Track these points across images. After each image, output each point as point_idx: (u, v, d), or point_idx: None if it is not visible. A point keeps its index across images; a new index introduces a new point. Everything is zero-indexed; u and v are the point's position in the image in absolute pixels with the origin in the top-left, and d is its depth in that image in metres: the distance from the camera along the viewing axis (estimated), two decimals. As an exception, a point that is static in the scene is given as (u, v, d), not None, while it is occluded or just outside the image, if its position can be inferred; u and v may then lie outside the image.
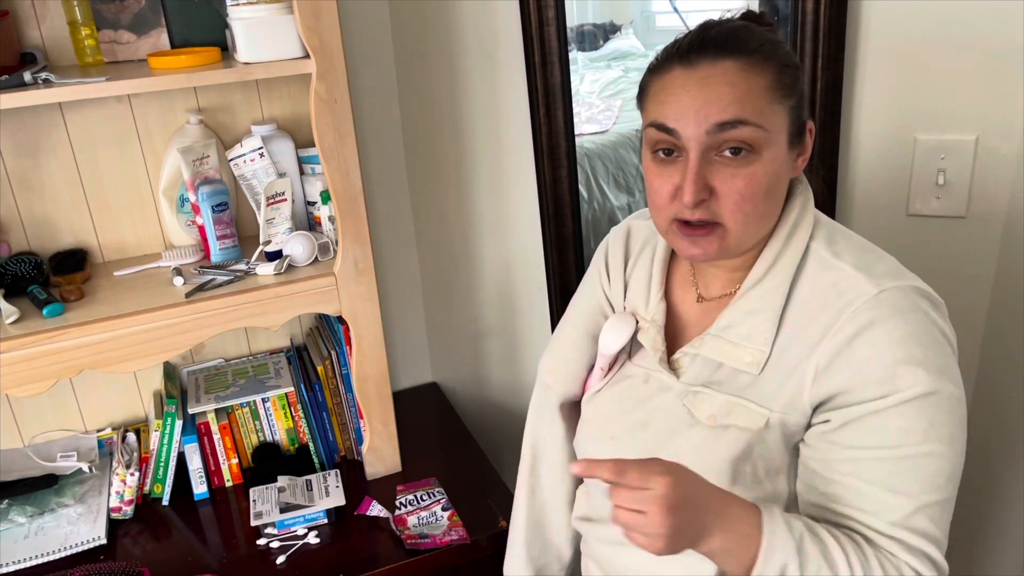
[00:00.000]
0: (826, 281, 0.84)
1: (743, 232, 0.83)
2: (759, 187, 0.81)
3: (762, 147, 0.80)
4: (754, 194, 0.81)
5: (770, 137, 0.80)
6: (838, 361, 0.81)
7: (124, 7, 1.36)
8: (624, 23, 1.50)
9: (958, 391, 0.81)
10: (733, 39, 0.81)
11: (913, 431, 0.78)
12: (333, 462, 1.55)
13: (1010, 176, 1.28)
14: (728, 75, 0.79)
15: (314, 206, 1.47)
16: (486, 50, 1.52)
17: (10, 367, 1.20)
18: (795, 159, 0.86)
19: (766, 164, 0.81)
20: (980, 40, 1.23)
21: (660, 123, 0.82)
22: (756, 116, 0.79)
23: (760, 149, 0.80)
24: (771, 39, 0.84)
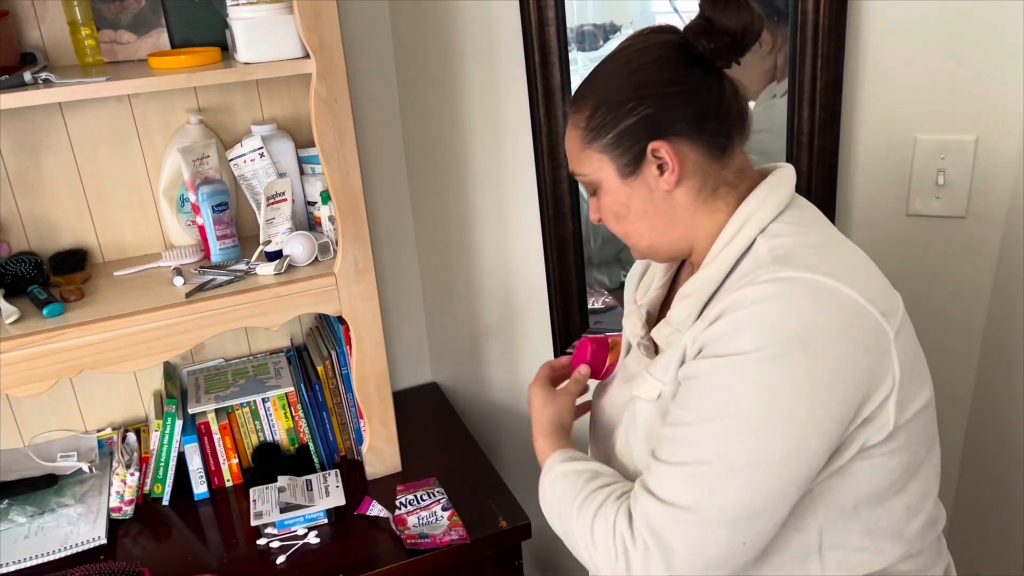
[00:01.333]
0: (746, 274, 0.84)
1: (639, 244, 0.94)
2: (609, 214, 0.93)
3: (596, 185, 0.92)
4: (609, 220, 0.94)
5: (593, 179, 0.92)
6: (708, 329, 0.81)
7: (124, 7, 1.36)
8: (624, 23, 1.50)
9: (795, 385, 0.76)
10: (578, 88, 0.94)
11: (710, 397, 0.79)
12: (333, 462, 1.55)
13: (1010, 176, 1.28)
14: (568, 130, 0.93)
15: (314, 206, 1.47)
16: (486, 50, 1.51)
17: (10, 367, 1.20)
18: (652, 179, 0.88)
19: (606, 196, 0.92)
20: (980, 40, 1.23)
21: None
22: (577, 166, 0.93)
23: (597, 187, 0.92)
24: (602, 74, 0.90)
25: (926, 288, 1.39)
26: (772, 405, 0.76)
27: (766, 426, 0.77)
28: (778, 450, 0.77)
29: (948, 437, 1.47)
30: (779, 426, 0.76)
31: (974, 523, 1.49)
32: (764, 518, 0.78)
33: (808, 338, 0.76)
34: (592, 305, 1.61)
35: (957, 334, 1.41)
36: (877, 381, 0.79)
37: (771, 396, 0.76)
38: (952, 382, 1.44)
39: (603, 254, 1.63)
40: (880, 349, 0.79)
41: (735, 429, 0.77)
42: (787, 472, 0.77)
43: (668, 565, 0.78)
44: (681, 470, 0.79)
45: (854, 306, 0.78)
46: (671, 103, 0.86)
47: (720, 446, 0.78)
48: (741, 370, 0.77)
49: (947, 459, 1.48)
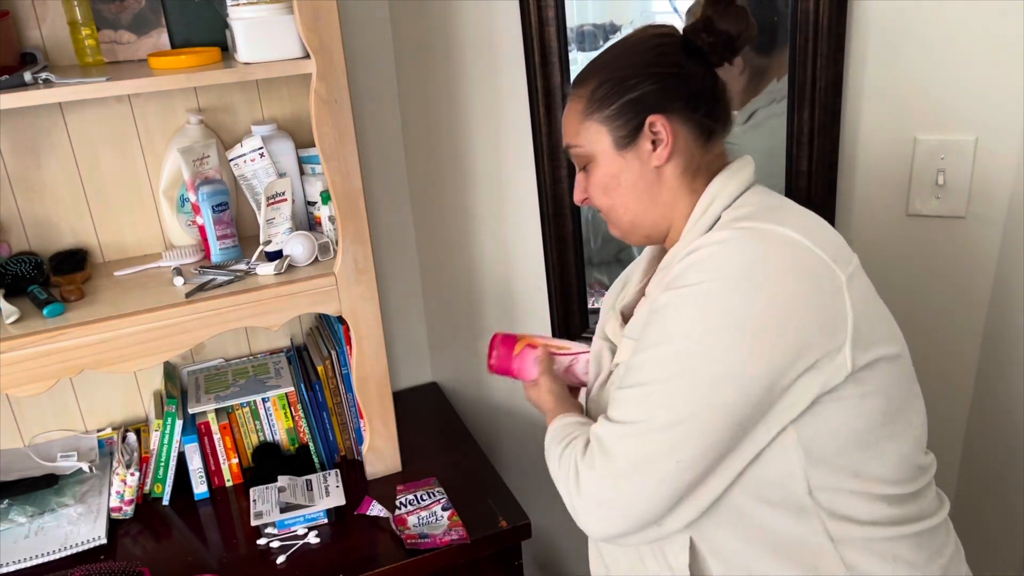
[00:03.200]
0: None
1: (621, 220, 0.98)
2: (597, 187, 0.97)
3: (587, 161, 0.97)
4: (594, 195, 0.98)
5: (588, 151, 0.96)
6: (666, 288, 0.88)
7: (124, 7, 1.36)
8: (624, 23, 1.50)
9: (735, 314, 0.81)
10: (582, 70, 0.99)
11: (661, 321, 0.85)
12: (333, 462, 1.55)
13: (1010, 176, 1.28)
14: (568, 106, 0.99)
15: (314, 206, 1.47)
16: (486, 50, 1.51)
17: (10, 367, 1.20)
18: (645, 153, 0.94)
19: (598, 169, 0.96)
20: (980, 40, 1.23)
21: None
22: (574, 138, 0.97)
23: (587, 163, 0.97)
24: (607, 58, 0.97)
25: (926, 288, 1.39)
26: (713, 331, 0.82)
27: (706, 350, 0.82)
28: (716, 373, 0.81)
29: (948, 437, 1.48)
30: (719, 351, 0.82)
31: (974, 523, 1.49)
32: (699, 439, 0.82)
33: (753, 273, 0.82)
34: (592, 305, 1.61)
35: (957, 334, 1.41)
36: (829, 321, 0.83)
37: (713, 322, 0.82)
38: (952, 382, 1.44)
39: (603, 254, 1.62)
40: (831, 290, 0.83)
41: (677, 353, 0.83)
42: (724, 395, 0.81)
43: (610, 473, 0.85)
44: (630, 392, 0.86)
45: (804, 250, 0.84)
46: (670, 82, 0.93)
47: (663, 368, 0.84)
48: (688, 300, 0.84)
49: (947, 459, 1.49)
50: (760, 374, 0.81)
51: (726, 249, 0.84)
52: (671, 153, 0.93)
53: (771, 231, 0.85)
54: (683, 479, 0.83)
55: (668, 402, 0.83)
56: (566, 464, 0.90)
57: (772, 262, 0.83)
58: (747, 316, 0.81)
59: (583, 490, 0.87)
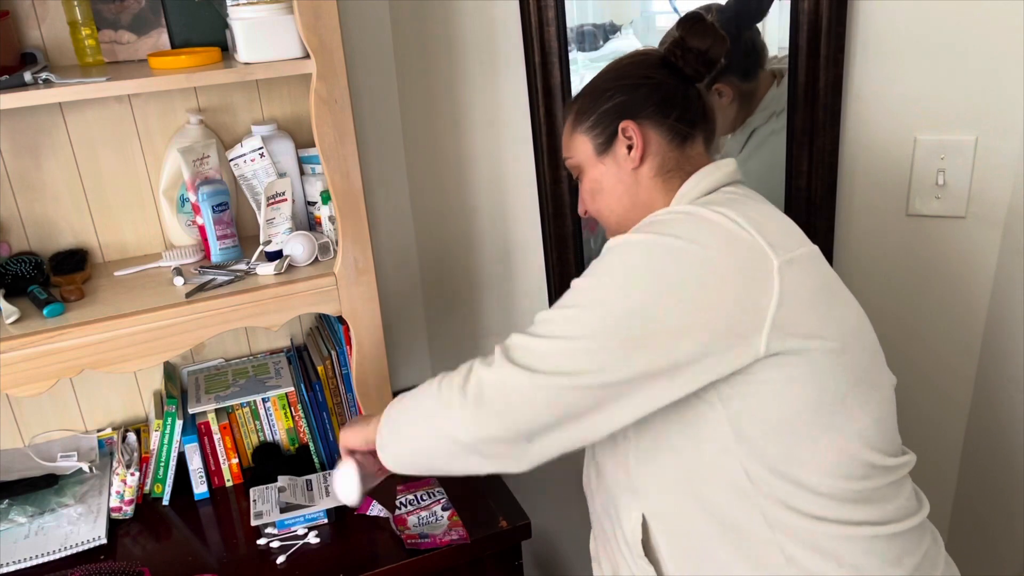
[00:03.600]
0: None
1: (609, 220, 1.07)
2: (587, 193, 1.07)
3: (579, 171, 1.08)
4: (587, 199, 1.08)
5: (577, 160, 1.07)
6: None
7: (124, 7, 1.36)
8: (624, 23, 1.50)
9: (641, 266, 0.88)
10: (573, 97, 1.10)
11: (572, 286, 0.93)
12: (333, 462, 1.54)
13: (1010, 176, 1.28)
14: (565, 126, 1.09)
15: (314, 206, 1.47)
16: (486, 50, 1.52)
17: (10, 367, 1.20)
18: (621, 157, 1.02)
19: (585, 177, 1.07)
20: (980, 40, 1.24)
21: None
22: (566, 151, 1.09)
23: (580, 173, 1.08)
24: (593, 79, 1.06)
25: (926, 288, 1.39)
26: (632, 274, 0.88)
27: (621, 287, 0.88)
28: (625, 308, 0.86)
29: (948, 437, 1.48)
30: (631, 291, 0.87)
31: (974, 523, 1.49)
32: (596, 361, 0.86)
33: (680, 240, 0.88)
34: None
35: (957, 334, 1.41)
36: (750, 300, 0.85)
37: (634, 269, 0.89)
38: (952, 382, 1.44)
39: (603, 254, 1.62)
40: (757, 271, 0.86)
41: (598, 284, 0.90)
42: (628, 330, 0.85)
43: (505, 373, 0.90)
44: (548, 312, 0.93)
45: (736, 231, 0.88)
46: (641, 92, 1.02)
47: (583, 295, 0.90)
48: (618, 249, 0.91)
49: (947, 459, 1.49)
50: (665, 328, 0.85)
51: (658, 224, 0.92)
52: (643, 155, 1.01)
53: (709, 213, 0.90)
54: (569, 398, 0.86)
55: (578, 321, 0.88)
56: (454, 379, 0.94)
57: (701, 235, 0.88)
58: (666, 271, 0.87)
59: (468, 389, 0.90)
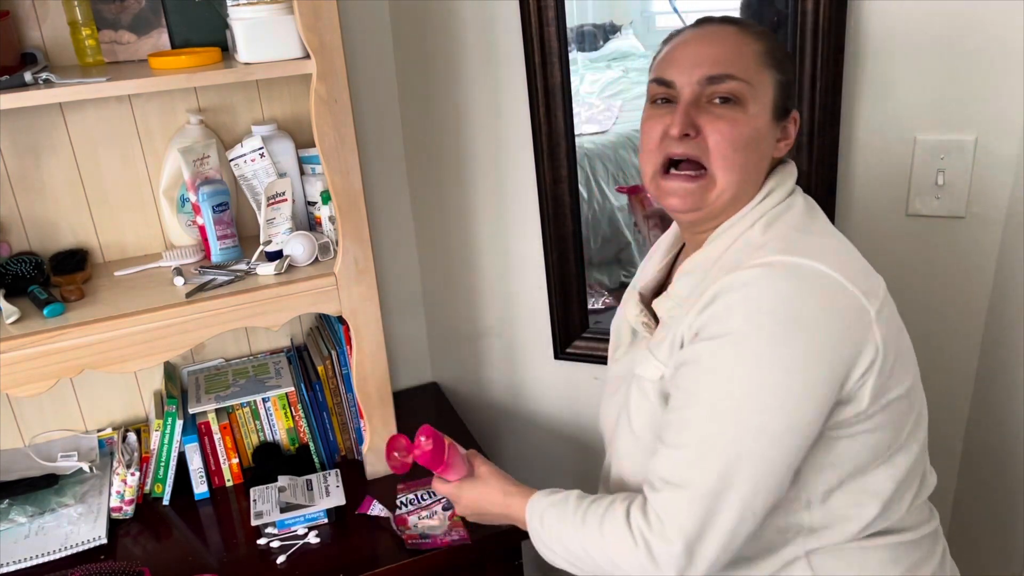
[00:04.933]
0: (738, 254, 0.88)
1: (724, 181, 0.88)
2: (739, 134, 0.87)
3: (747, 101, 0.88)
4: (735, 139, 0.87)
5: (755, 93, 0.88)
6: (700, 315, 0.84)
7: (124, 7, 1.36)
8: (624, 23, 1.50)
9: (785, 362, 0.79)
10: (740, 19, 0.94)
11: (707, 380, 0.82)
12: (333, 462, 1.55)
13: (1010, 176, 1.28)
14: (727, 36, 0.89)
15: (314, 206, 1.47)
16: (486, 50, 1.51)
17: (10, 367, 1.20)
18: (776, 138, 0.92)
19: (749, 117, 0.88)
20: (980, 40, 1.23)
21: (659, 77, 0.92)
22: (743, 72, 0.88)
23: (745, 103, 0.88)
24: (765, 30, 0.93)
25: (926, 288, 1.39)
26: (768, 382, 0.80)
27: (764, 403, 0.80)
28: (778, 424, 0.80)
29: (948, 437, 1.48)
30: (776, 401, 0.80)
31: (974, 523, 1.49)
32: (768, 489, 0.81)
33: (794, 316, 0.80)
34: (592, 305, 1.61)
35: (957, 334, 1.41)
36: (858, 357, 0.82)
37: (766, 373, 0.80)
38: (952, 382, 1.44)
39: (603, 254, 1.63)
40: (862, 326, 0.82)
41: (735, 408, 0.80)
42: (787, 443, 0.81)
43: (684, 542, 0.81)
44: (688, 452, 0.82)
45: (835, 285, 0.81)
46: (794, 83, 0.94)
47: (723, 425, 0.81)
48: (735, 350, 0.80)
49: (947, 459, 1.49)
50: (816, 417, 0.81)
51: (762, 290, 0.81)
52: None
53: (803, 267, 0.82)
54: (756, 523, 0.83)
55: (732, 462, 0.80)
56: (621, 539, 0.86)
57: (809, 303, 0.80)
58: (796, 363, 0.79)
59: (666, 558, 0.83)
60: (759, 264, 0.82)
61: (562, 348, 1.64)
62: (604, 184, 1.76)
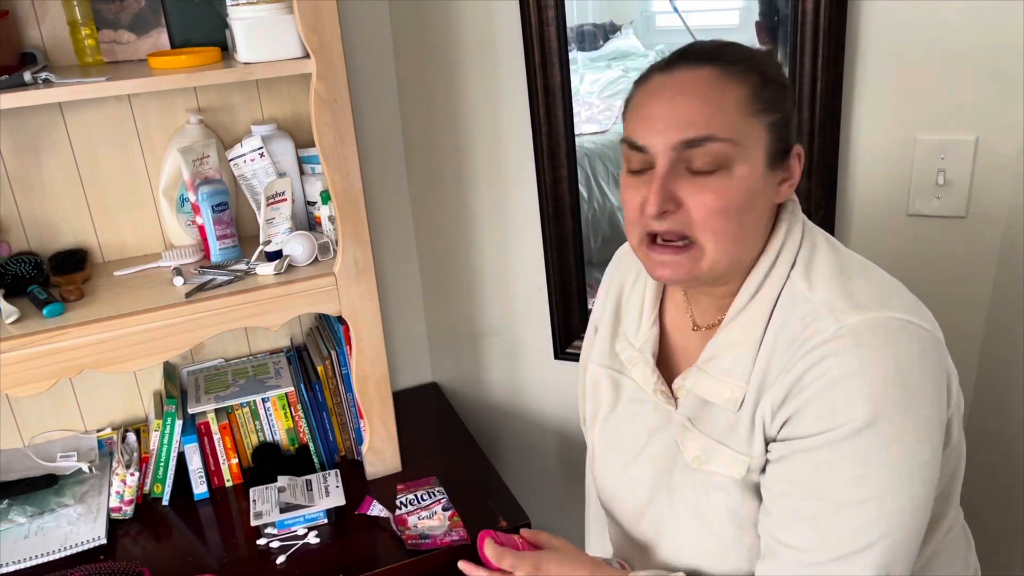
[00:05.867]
0: (795, 315, 0.81)
1: (717, 252, 0.80)
2: (729, 202, 0.78)
3: (733, 162, 0.77)
4: (724, 209, 0.78)
5: (743, 152, 0.77)
6: (789, 397, 0.79)
7: (124, 7, 1.36)
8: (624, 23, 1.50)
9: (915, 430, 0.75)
10: (716, 49, 0.80)
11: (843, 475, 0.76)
12: (333, 462, 1.55)
13: (1010, 176, 1.28)
14: (703, 84, 0.77)
15: (314, 206, 1.47)
16: (486, 50, 1.51)
17: (10, 367, 1.20)
18: (777, 183, 0.82)
19: (738, 180, 0.78)
20: (980, 40, 1.23)
21: (630, 140, 0.81)
22: (726, 130, 0.77)
23: (731, 164, 0.77)
24: (760, 54, 0.83)
25: (926, 288, 1.38)
26: (904, 460, 0.76)
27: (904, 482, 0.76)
28: (918, 496, 0.77)
29: (948, 437, 1.48)
30: (915, 476, 0.76)
31: (974, 523, 1.49)
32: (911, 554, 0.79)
33: (907, 383, 0.75)
34: (592, 305, 1.61)
35: (957, 334, 1.40)
36: (950, 391, 0.82)
37: (901, 452, 0.75)
38: (952, 382, 1.44)
39: (603, 254, 1.62)
40: (943, 359, 0.80)
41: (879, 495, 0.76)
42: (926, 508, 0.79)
43: None
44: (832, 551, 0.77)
45: (921, 333, 0.77)
46: (795, 114, 0.84)
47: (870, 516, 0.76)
48: (866, 441, 0.75)
49: (947, 459, 1.49)
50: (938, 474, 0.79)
51: (869, 370, 0.74)
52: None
53: (887, 322, 0.76)
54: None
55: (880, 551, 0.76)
56: None
57: (912, 363, 0.75)
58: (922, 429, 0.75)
59: None
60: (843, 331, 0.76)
61: (562, 348, 1.64)
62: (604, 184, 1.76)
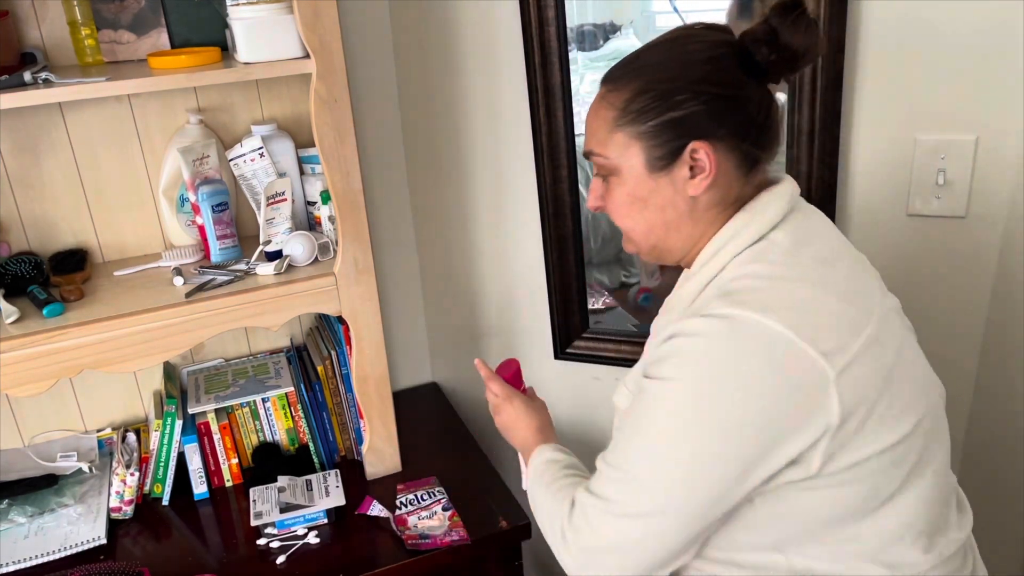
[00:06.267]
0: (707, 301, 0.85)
1: (637, 239, 0.92)
2: (619, 204, 0.90)
3: (612, 170, 0.88)
4: (617, 209, 0.90)
5: (615, 163, 0.87)
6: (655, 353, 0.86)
7: (124, 7, 1.36)
8: (624, 23, 1.50)
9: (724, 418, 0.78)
10: (617, 67, 0.90)
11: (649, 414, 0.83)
12: (333, 462, 1.55)
13: (1010, 176, 1.28)
14: (596, 103, 0.90)
15: (314, 206, 1.47)
16: (486, 50, 1.51)
17: (10, 367, 1.20)
18: (686, 178, 0.86)
19: (621, 185, 0.88)
20: (980, 40, 1.23)
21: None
22: (599, 146, 0.88)
23: (614, 172, 0.88)
24: (649, 63, 0.87)
25: (926, 288, 1.39)
26: (681, 434, 0.80)
27: (679, 451, 0.80)
28: (688, 473, 0.80)
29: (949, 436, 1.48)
30: (689, 452, 0.80)
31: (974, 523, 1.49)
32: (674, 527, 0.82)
33: (726, 374, 0.78)
34: (592, 305, 1.61)
35: (957, 334, 1.41)
36: (802, 425, 0.78)
37: (681, 425, 0.80)
38: (952, 382, 1.44)
39: (603, 254, 1.62)
40: (812, 392, 0.77)
41: (650, 447, 0.82)
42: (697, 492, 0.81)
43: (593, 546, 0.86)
44: (612, 472, 0.86)
45: (786, 346, 0.77)
46: (722, 106, 0.84)
47: (638, 458, 0.83)
48: (661, 396, 0.82)
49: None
50: (728, 474, 0.79)
51: (705, 345, 0.79)
52: (711, 184, 0.85)
53: (753, 323, 0.78)
54: (658, 555, 0.84)
55: (646, 494, 0.82)
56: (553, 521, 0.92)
57: (747, 363, 0.77)
58: (713, 424, 0.78)
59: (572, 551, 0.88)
60: (717, 315, 0.79)
61: (562, 348, 1.64)
62: (604, 184, 1.76)
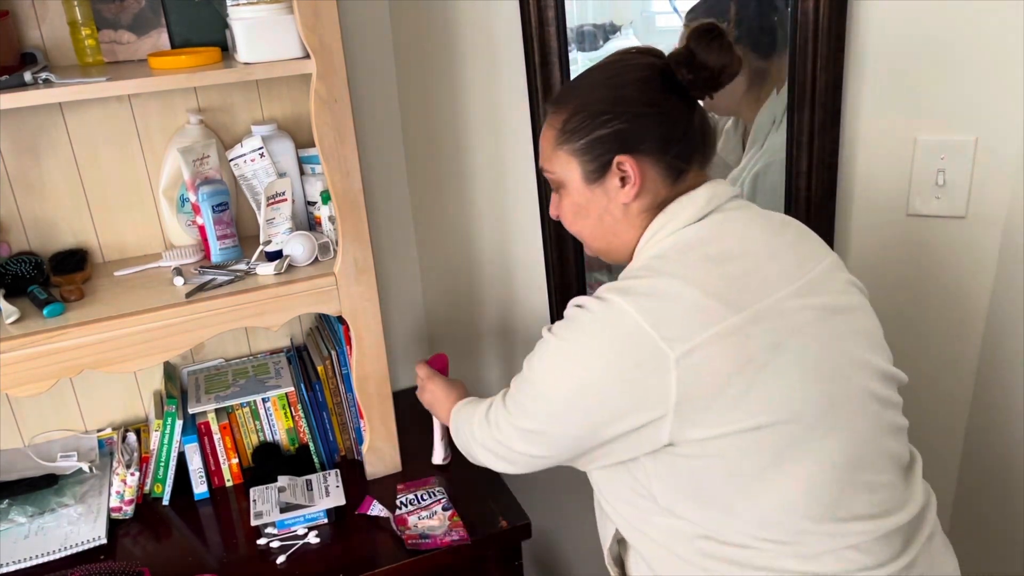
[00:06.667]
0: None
1: (588, 243, 1.06)
2: (565, 214, 1.04)
3: (560, 185, 1.02)
4: (565, 219, 1.04)
5: (560, 177, 1.01)
6: None
7: (124, 7, 1.36)
8: (624, 23, 1.50)
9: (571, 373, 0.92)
10: (560, 90, 1.07)
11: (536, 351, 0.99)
12: (333, 462, 1.55)
13: (1010, 176, 1.28)
14: (545, 126, 1.02)
15: (314, 206, 1.47)
16: (486, 50, 1.52)
17: (10, 367, 1.20)
18: (618, 187, 0.97)
19: (567, 197, 1.02)
20: (980, 40, 1.24)
21: None
22: (546, 162, 1.02)
23: (561, 186, 1.02)
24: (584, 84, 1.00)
25: (926, 288, 1.39)
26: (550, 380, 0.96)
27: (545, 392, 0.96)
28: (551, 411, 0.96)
29: (949, 437, 1.48)
30: (551, 396, 0.95)
31: (974, 523, 1.49)
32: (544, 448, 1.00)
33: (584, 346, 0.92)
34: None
35: (957, 334, 1.41)
36: (646, 397, 0.88)
37: (551, 375, 0.95)
38: (952, 382, 1.44)
39: (603, 254, 1.63)
40: (652, 368, 0.87)
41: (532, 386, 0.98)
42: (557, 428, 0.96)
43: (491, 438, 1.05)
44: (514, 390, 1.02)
45: (633, 328, 0.88)
46: (643, 122, 0.95)
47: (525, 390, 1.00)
48: (546, 347, 0.96)
49: (947, 459, 1.49)
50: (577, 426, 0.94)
51: (583, 317, 0.92)
52: (639, 192, 0.96)
53: (616, 307, 0.89)
54: (536, 464, 1.02)
55: (527, 414, 0.99)
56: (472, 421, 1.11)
57: (601, 337, 0.90)
58: (570, 380, 0.92)
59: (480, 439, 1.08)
60: (601, 297, 0.92)
61: (562, 348, 1.64)
62: (604, 184, 1.76)
